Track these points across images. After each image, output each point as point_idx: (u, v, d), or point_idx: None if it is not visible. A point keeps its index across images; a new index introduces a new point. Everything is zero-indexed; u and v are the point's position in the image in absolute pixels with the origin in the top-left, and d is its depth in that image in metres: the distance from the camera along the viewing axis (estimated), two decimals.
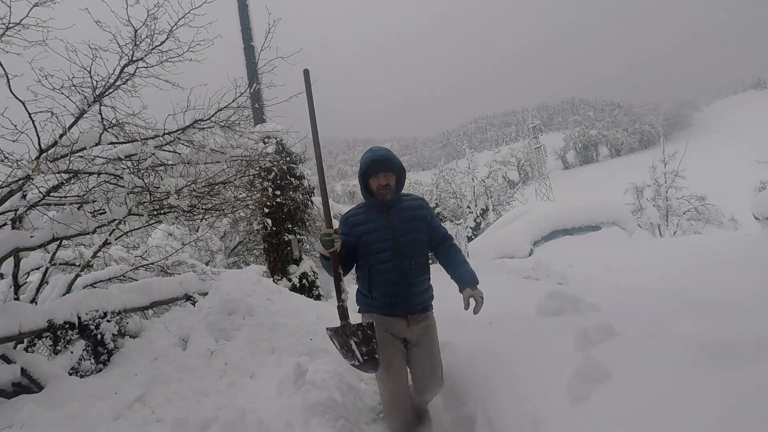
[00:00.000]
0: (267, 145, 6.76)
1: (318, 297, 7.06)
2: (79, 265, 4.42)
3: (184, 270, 5.53)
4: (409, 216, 2.28)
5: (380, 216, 2.25)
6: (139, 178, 3.19)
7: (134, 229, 4.22)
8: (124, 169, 3.13)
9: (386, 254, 2.20)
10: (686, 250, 4.31)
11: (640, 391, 1.87)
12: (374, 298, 2.27)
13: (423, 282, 2.31)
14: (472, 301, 2.14)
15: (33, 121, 2.87)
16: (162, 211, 3.56)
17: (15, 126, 2.75)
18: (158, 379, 3.00)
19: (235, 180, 3.92)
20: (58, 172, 2.95)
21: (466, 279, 2.21)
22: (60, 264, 4.53)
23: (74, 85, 3.00)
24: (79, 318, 3.22)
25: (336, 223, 2.36)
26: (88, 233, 3.25)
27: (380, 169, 2.23)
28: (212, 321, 3.80)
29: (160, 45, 3.28)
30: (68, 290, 4.10)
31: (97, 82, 3.07)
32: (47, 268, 4.12)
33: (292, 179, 7.18)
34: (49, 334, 3.12)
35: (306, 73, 2.15)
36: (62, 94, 2.98)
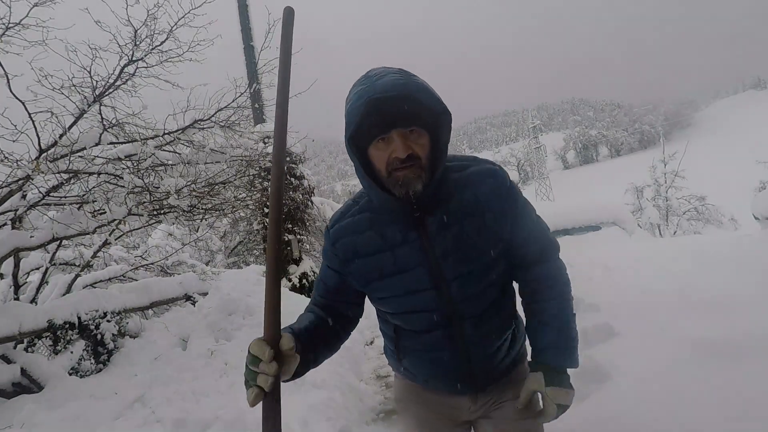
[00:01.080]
0: (267, 145, 6.76)
1: None
2: (79, 265, 4.42)
3: (184, 270, 5.53)
4: (474, 227, 1.01)
5: (405, 234, 1.00)
6: (139, 178, 3.19)
7: (134, 229, 4.22)
8: (124, 169, 3.13)
9: (425, 317, 1.05)
10: (686, 250, 4.31)
11: (639, 391, 1.87)
12: (408, 370, 1.19)
13: (503, 344, 1.13)
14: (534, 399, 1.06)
15: (33, 121, 2.87)
16: (162, 211, 3.56)
17: (15, 126, 2.76)
18: (158, 379, 3.00)
19: (235, 180, 3.92)
20: (58, 172, 2.95)
21: (547, 354, 1.05)
22: (60, 264, 4.53)
23: (74, 85, 3.00)
24: (79, 318, 3.22)
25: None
26: (88, 233, 3.25)
27: (389, 122, 0.93)
28: (212, 321, 3.81)
29: (160, 45, 3.29)
30: (68, 290, 4.10)
31: (97, 82, 3.08)
32: (47, 268, 4.12)
33: (292, 179, 7.18)
34: (49, 334, 3.12)
35: (288, 11, 1.03)
36: (62, 94, 2.98)
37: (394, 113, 0.93)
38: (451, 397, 1.18)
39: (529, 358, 1.11)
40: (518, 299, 1.18)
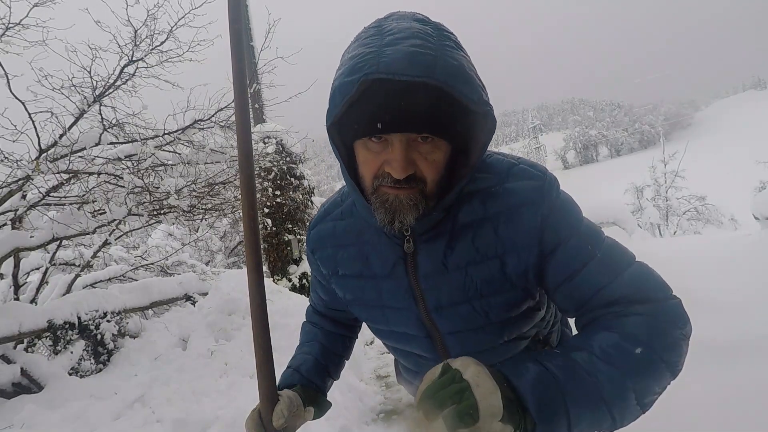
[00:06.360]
0: (267, 145, 6.77)
1: None
2: (79, 265, 4.42)
3: (184, 270, 5.53)
4: (484, 278, 0.71)
5: (391, 267, 0.77)
6: (139, 178, 3.19)
7: (134, 229, 4.22)
8: (124, 169, 3.13)
9: (419, 360, 0.89)
10: (686, 250, 4.31)
11: None
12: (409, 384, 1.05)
13: None
14: None
15: (33, 121, 2.87)
16: (162, 211, 3.56)
17: (15, 126, 2.76)
18: (158, 379, 3.00)
19: (235, 180, 3.92)
20: (58, 172, 2.96)
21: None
22: (60, 264, 4.53)
23: (74, 85, 3.00)
24: (79, 318, 3.22)
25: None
26: (88, 233, 3.25)
27: (391, 119, 0.60)
28: (212, 321, 3.81)
29: (160, 45, 3.29)
30: (68, 290, 4.10)
31: (97, 82, 3.08)
32: (47, 268, 4.12)
33: (292, 179, 7.19)
34: (49, 334, 3.12)
35: None
36: (62, 94, 2.99)
37: (403, 108, 0.59)
38: None
39: None
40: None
